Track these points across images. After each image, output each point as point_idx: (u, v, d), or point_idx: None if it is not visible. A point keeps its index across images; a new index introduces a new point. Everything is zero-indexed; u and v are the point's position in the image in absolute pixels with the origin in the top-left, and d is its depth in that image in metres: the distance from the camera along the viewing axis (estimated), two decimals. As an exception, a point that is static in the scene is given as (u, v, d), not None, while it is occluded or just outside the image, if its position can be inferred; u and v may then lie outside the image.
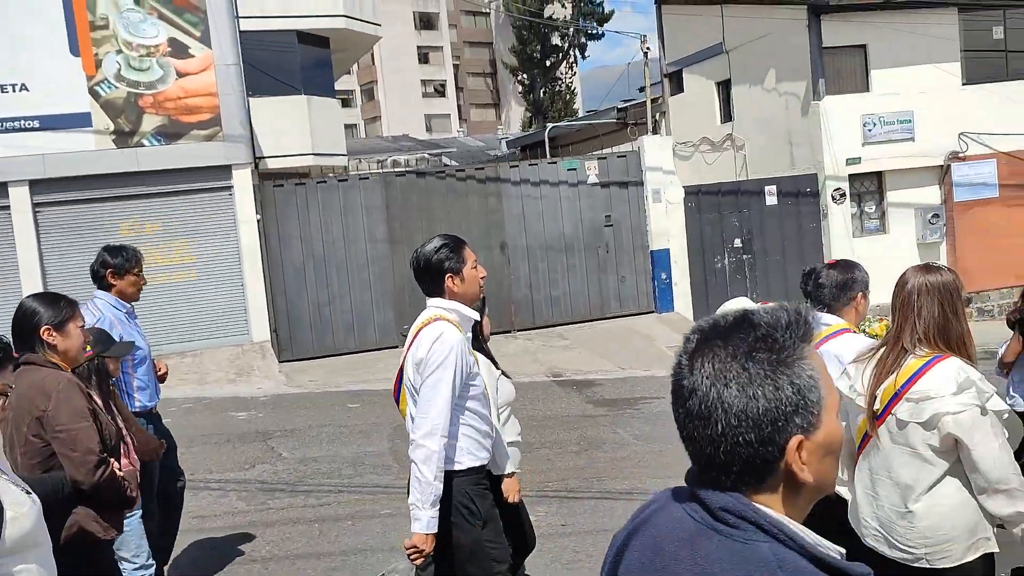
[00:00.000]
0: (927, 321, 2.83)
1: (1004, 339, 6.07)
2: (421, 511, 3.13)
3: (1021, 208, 16.17)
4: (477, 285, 3.44)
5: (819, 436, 1.21)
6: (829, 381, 1.24)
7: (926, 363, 2.77)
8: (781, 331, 1.22)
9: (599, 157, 14.76)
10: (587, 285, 14.44)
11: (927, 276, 2.92)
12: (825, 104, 15.20)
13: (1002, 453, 2.70)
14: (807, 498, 1.25)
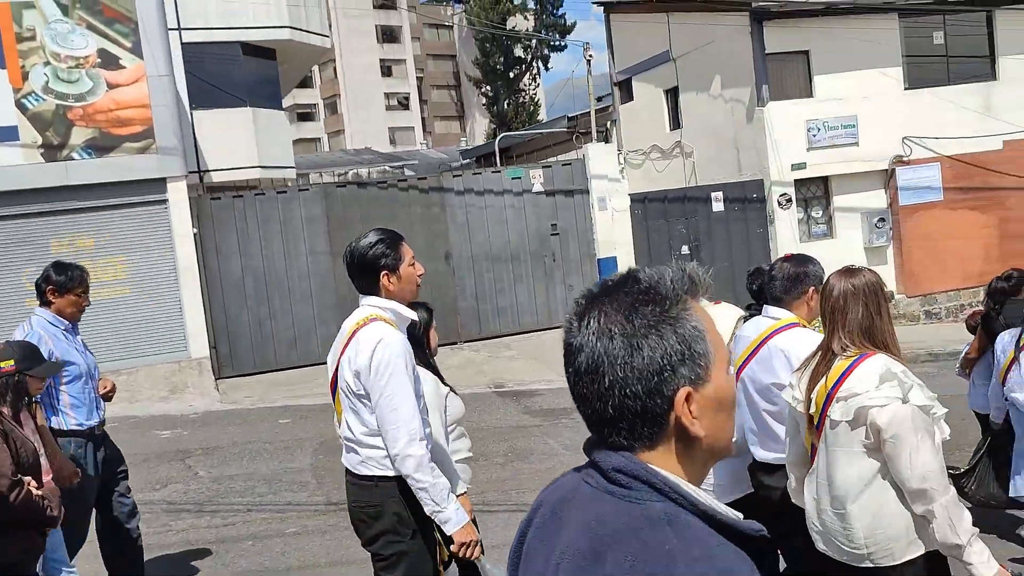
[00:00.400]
0: (852, 323, 2.86)
1: (966, 341, 6.13)
2: (443, 512, 3.08)
3: (965, 211, 16.31)
4: (415, 283, 3.29)
5: (709, 389, 1.19)
6: (717, 337, 1.23)
7: (852, 362, 2.81)
8: (664, 285, 1.22)
9: (544, 166, 14.67)
10: (534, 295, 14.32)
11: (850, 279, 2.93)
12: (769, 110, 15.23)
13: (920, 448, 2.68)
14: (702, 458, 1.23)
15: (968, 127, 15.97)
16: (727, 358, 1.25)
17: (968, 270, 16.33)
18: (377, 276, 3.18)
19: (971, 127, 16.00)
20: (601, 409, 1.20)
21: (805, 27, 15.26)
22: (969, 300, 16.40)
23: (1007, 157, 16.41)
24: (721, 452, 1.26)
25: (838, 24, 15.22)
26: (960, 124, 15.93)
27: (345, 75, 72.83)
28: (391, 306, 3.21)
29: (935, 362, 13.00)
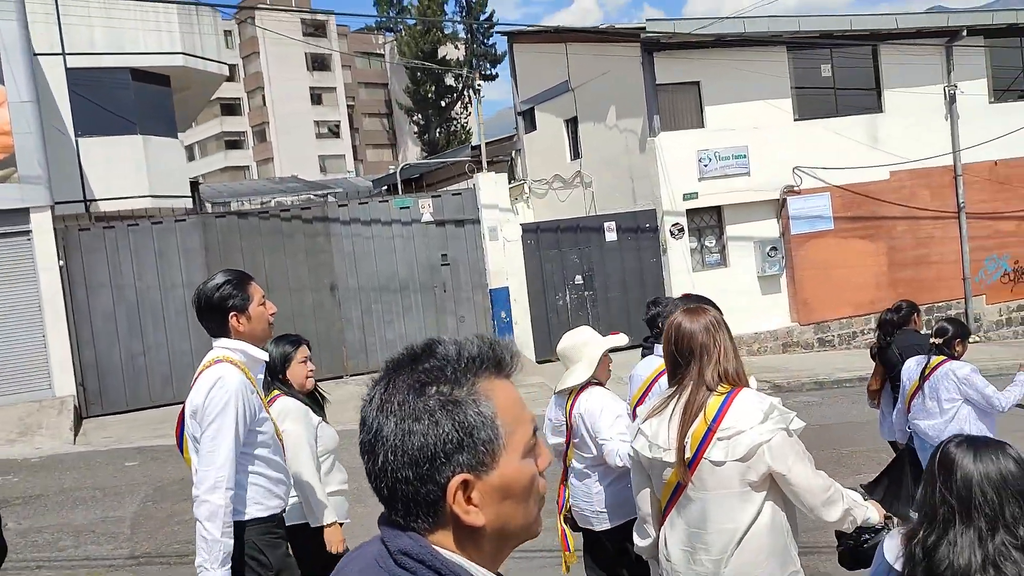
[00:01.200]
0: (716, 360, 2.84)
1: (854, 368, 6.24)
2: (210, 572, 2.92)
3: (855, 240, 16.60)
4: (266, 323, 3.25)
5: (494, 477, 1.14)
6: (520, 419, 1.18)
7: (725, 398, 2.77)
8: (453, 363, 1.17)
9: (433, 195, 14.50)
10: (424, 326, 14.06)
11: (701, 318, 2.91)
12: (660, 140, 15.32)
13: (809, 467, 2.75)
14: (493, 544, 1.18)
15: (856, 157, 16.31)
16: (528, 443, 1.18)
17: (860, 298, 16.60)
18: (226, 317, 3.16)
19: (859, 157, 16.33)
20: (380, 488, 1.17)
21: (696, 58, 15.43)
22: (861, 328, 16.66)
23: (894, 187, 16.79)
24: (516, 537, 1.21)
25: (728, 56, 15.44)
26: (849, 154, 16.25)
27: (274, 103, 72.09)
28: (241, 347, 3.18)
29: (819, 390, 13.09)
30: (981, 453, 2.05)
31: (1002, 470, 2.02)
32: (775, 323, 16.16)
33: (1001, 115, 17.20)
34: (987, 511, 2.00)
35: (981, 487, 2.01)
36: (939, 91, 17.07)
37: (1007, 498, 2.00)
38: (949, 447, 2.11)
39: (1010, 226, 17.73)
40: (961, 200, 17.23)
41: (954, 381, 5.08)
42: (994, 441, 2.14)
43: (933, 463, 2.12)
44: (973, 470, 2.03)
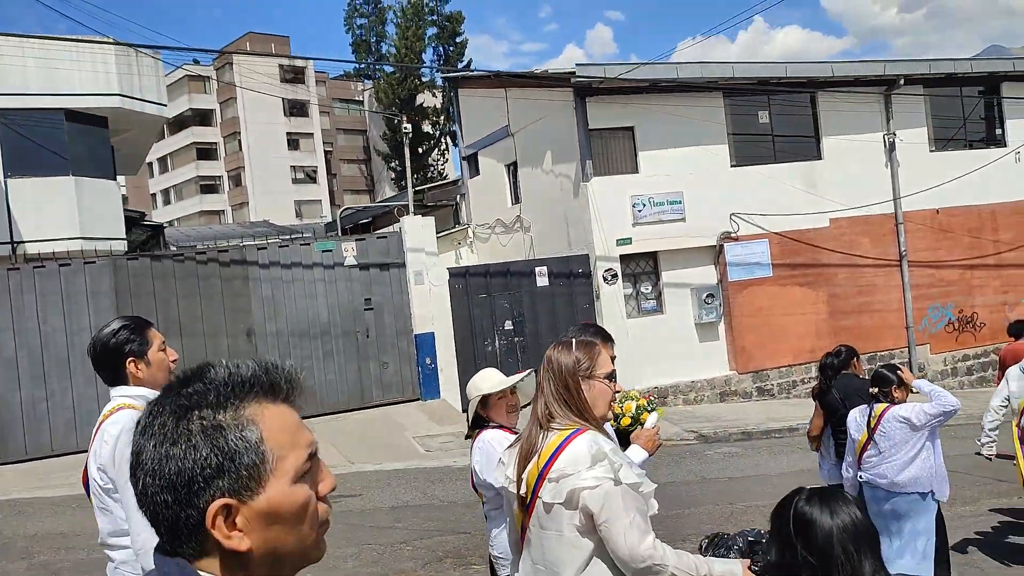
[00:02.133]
0: (558, 397, 2.75)
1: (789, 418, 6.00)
2: None
3: (795, 287, 16.39)
4: (166, 370, 3.10)
5: (260, 502, 1.13)
6: (294, 444, 1.18)
7: (564, 439, 2.68)
8: (219, 387, 1.17)
9: (357, 239, 14.21)
10: (346, 372, 13.69)
11: (556, 352, 2.84)
12: (593, 185, 15.15)
13: (632, 527, 2.57)
14: (269, 568, 1.16)
15: (795, 204, 16.18)
16: (299, 468, 1.17)
17: (800, 346, 16.35)
18: (123, 364, 3.04)
19: (798, 204, 16.21)
20: (144, 512, 1.16)
21: (630, 103, 15.33)
22: (801, 376, 16.37)
23: (833, 234, 16.64)
24: (292, 563, 1.19)
25: (663, 101, 15.35)
26: (787, 201, 16.12)
27: (250, 147, 72.19)
28: (142, 393, 3.02)
29: (745, 441, 12.75)
30: (834, 507, 1.99)
31: (855, 521, 1.97)
32: (713, 371, 15.87)
33: (942, 163, 17.17)
34: (848, 567, 1.95)
35: (841, 542, 1.95)
36: (879, 139, 17.04)
37: (864, 550, 1.96)
38: (801, 506, 2.03)
39: (953, 275, 17.60)
40: (903, 248, 17.10)
41: (903, 422, 5.11)
42: (838, 492, 2.07)
43: (787, 524, 2.03)
44: (831, 526, 1.97)
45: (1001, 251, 17.89)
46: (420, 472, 10.64)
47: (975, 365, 17.72)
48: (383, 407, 13.72)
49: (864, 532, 1.99)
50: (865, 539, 1.98)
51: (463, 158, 19.83)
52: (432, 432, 12.55)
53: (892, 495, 5.14)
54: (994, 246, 17.83)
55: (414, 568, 6.41)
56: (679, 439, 12.62)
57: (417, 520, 8.06)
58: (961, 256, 17.59)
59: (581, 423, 2.72)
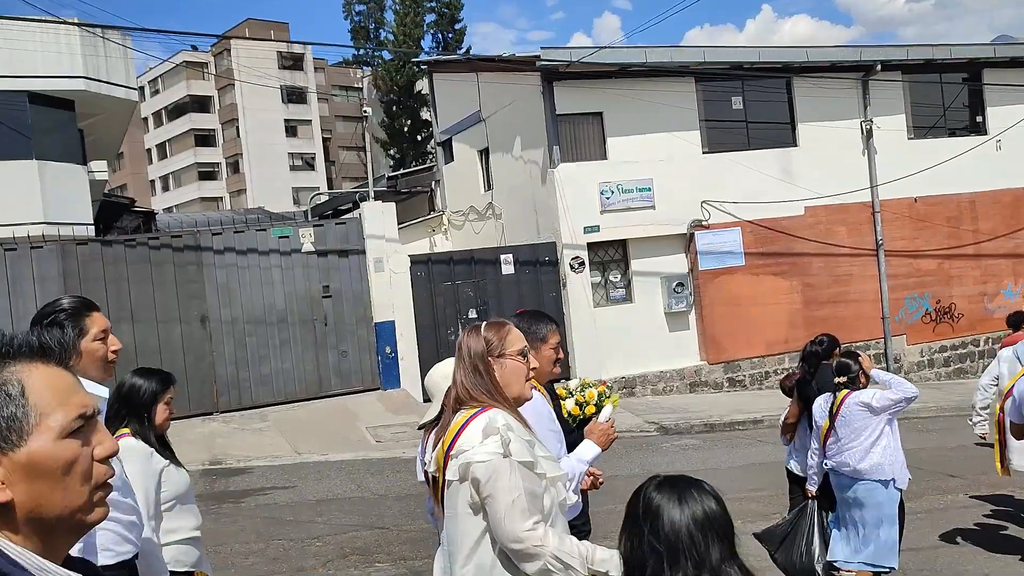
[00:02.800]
0: (466, 377, 2.74)
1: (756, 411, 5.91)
2: None
3: (768, 276, 16.11)
4: (99, 363, 2.97)
5: (21, 455, 1.17)
6: (63, 403, 1.22)
7: (468, 418, 2.68)
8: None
9: (315, 224, 13.98)
10: (303, 361, 13.47)
11: (466, 337, 2.83)
12: (560, 171, 14.87)
13: (514, 507, 2.53)
14: (37, 525, 1.19)
15: (769, 192, 15.87)
16: (65, 424, 1.21)
17: (772, 336, 16.08)
18: None
19: (772, 192, 15.90)
20: None
21: (599, 88, 15.03)
22: (774, 367, 16.11)
23: (808, 223, 16.35)
24: (61, 521, 1.21)
25: (633, 86, 15.04)
26: (761, 189, 15.82)
27: (248, 134, 71.98)
28: None
29: (708, 433, 12.50)
30: (685, 495, 1.93)
31: (706, 510, 1.92)
32: (683, 362, 15.61)
33: (920, 151, 16.83)
34: (695, 555, 1.88)
35: (689, 531, 1.89)
36: (856, 125, 16.72)
37: (713, 540, 1.90)
38: (650, 493, 1.96)
39: (931, 265, 17.29)
40: (880, 237, 16.79)
41: (863, 408, 5.11)
42: (692, 480, 2.00)
43: (637, 511, 1.97)
44: (679, 515, 1.91)
45: (980, 240, 17.57)
46: (363, 463, 10.43)
47: (952, 356, 17.43)
48: (341, 396, 13.51)
49: (715, 521, 1.92)
50: (715, 528, 1.91)
51: (438, 144, 19.57)
52: (387, 422, 12.33)
53: (855, 481, 5.14)
54: (973, 235, 17.51)
55: (314, 566, 6.19)
56: (639, 431, 12.38)
57: (339, 514, 7.84)
58: (939, 246, 17.28)
59: (490, 402, 2.69)
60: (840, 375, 5.29)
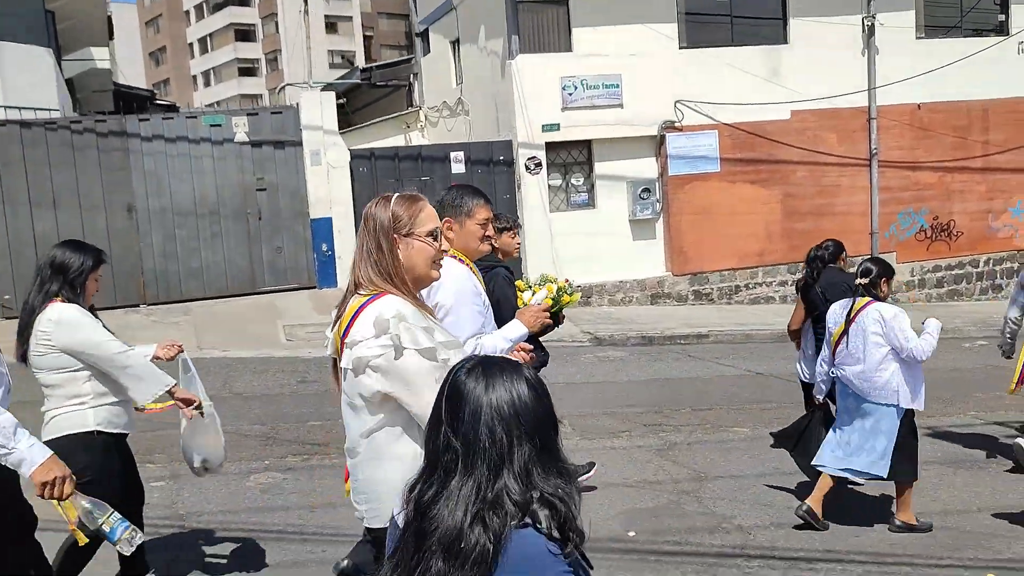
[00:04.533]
0: (366, 257, 2.56)
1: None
2: (12, 453, 2.92)
3: (745, 184, 15.06)
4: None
5: None
6: None
7: (362, 304, 2.51)
8: None
9: (249, 112, 13.32)
10: (236, 256, 13.04)
11: (374, 208, 2.61)
12: (518, 63, 13.88)
13: (422, 396, 2.38)
14: None
15: (753, 93, 14.68)
16: None
17: (746, 249, 15.12)
18: None
19: (756, 93, 14.70)
20: None
21: (565, -27, 13.86)
22: (746, 281, 15.23)
23: (794, 127, 15.14)
24: None
25: (605, -28, 13.84)
26: (743, 90, 14.63)
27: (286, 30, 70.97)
28: None
29: (645, 346, 11.80)
30: (494, 381, 1.63)
31: (516, 400, 1.61)
32: (646, 272, 14.79)
33: (930, 52, 15.36)
34: (493, 454, 1.59)
35: (490, 425, 1.59)
36: (856, 22, 15.27)
37: (519, 436, 1.59)
38: (459, 375, 1.67)
39: (931, 178, 16.00)
40: (874, 146, 15.52)
41: (879, 322, 4.89)
42: (511, 364, 1.69)
43: (441, 399, 1.67)
44: (484, 403, 1.61)
45: (990, 153, 16.16)
46: (258, 361, 10.04)
47: (947, 277, 16.29)
48: (274, 293, 13.10)
49: (525, 415, 1.59)
50: (525, 423, 1.59)
51: (416, 34, 18.57)
52: (309, 321, 11.86)
53: (859, 397, 5.00)
54: (982, 147, 16.10)
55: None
56: (570, 340, 11.73)
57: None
58: (942, 157, 15.94)
59: (387, 287, 2.52)
60: (861, 277, 5.06)
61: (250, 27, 73.39)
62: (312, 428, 7.05)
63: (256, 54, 73.37)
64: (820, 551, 4.52)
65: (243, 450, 6.26)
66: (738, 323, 13.24)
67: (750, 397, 8.34)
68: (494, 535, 1.53)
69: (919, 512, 4.96)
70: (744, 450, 6.43)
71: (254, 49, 73.42)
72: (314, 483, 5.69)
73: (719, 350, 11.56)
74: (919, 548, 4.57)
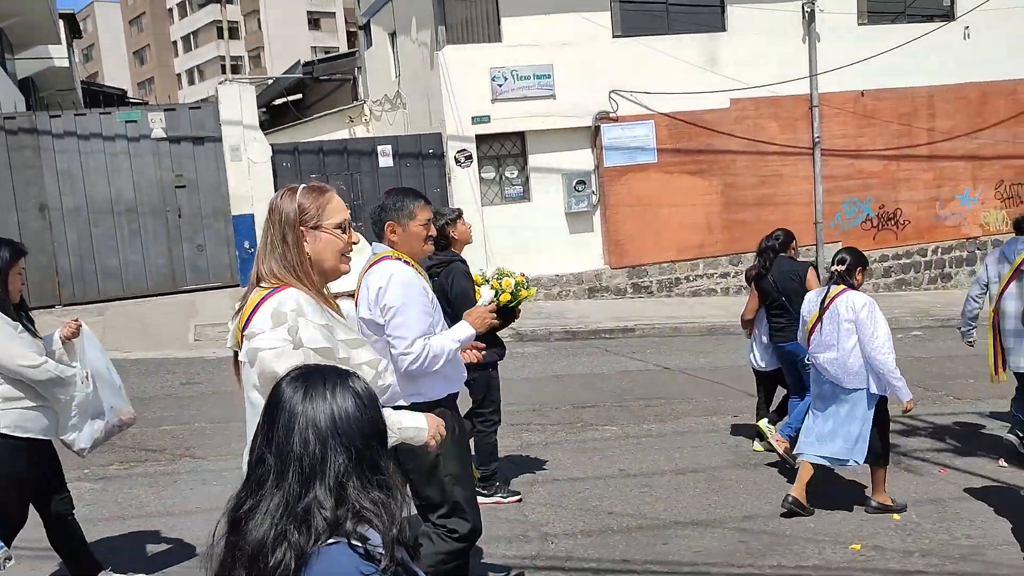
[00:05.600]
0: (269, 248, 2.51)
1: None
2: None
3: (684, 175, 14.79)
4: None
5: None
6: None
7: (264, 296, 2.46)
8: None
9: (167, 108, 13.03)
10: (155, 255, 12.77)
11: (279, 200, 2.55)
12: (446, 55, 13.61)
13: None
14: None
15: (690, 82, 14.40)
16: None
17: (685, 240, 14.86)
18: None
19: (694, 82, 14.43)
20: None
21: (493, -38, 13.58)
22: (686, 273, 14.97)
23: (734, 117, 14.87)
24: None
25: (533, -40, 13.55)
26: (681, 78, 14.36)
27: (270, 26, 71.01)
28: None
29: (568, 341, 11.55)
30: (314, 389, 1.54)
31: (335, 411, 1.53)
32: (584, 265, 14.52)
33: (873, 39, 15.06)
34: (305, 466, 1.49)
35: (303, 436, 1.50)
36: (796, 7, 14.98)
37: (334, 448, 1.51)
38: (282, 383, 1.59)
39: (876, 166, 15.72)
40: (817, 134, 15.24)
41: (852, 309, 4.95)
42: (337, 372, 1.61)
43: (265, 409, 1.60)
44: (299, 413, 1.52)
45: (936, 140, 15.89)
46: (153, 363, 9.82)
47: (894, 267, 16.01)
48: (196, 293, 12.83)
49: (342, 425, 1.52)
50: (345, 436, 1.52)
51: (360, 27, 18.29)
52: (224, 320, 11.59)
53: (833, 383, 5.05)
54: (928, 135, 15.82)
55: None
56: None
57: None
58: (887, 145, 15.67)
59: (290, 280, 2.45)
60: (838, 264, 5.12)
61: (233, 24, 73.13)
62: (160, 433, 6.81)
63: (240, 51, 73.02)
64: (618, 560, 4.27)
65: (71, 457, 6.01)
66: (669, 316, 12.98)
67: (642, 393, 8.10)
68: (297, 552, 1.44)
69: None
70: (600, 451, 6.18)
71: (237, 47, 73.09)
72: (121, 494, 5.44)
73: (641, 344, 11.31)
74: (721, 555, 4.31)
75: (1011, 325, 5.81)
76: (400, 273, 3.32)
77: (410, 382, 3.28)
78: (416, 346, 3.24)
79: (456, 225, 5.03)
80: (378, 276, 3.37)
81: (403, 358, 3.26)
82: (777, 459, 5.85)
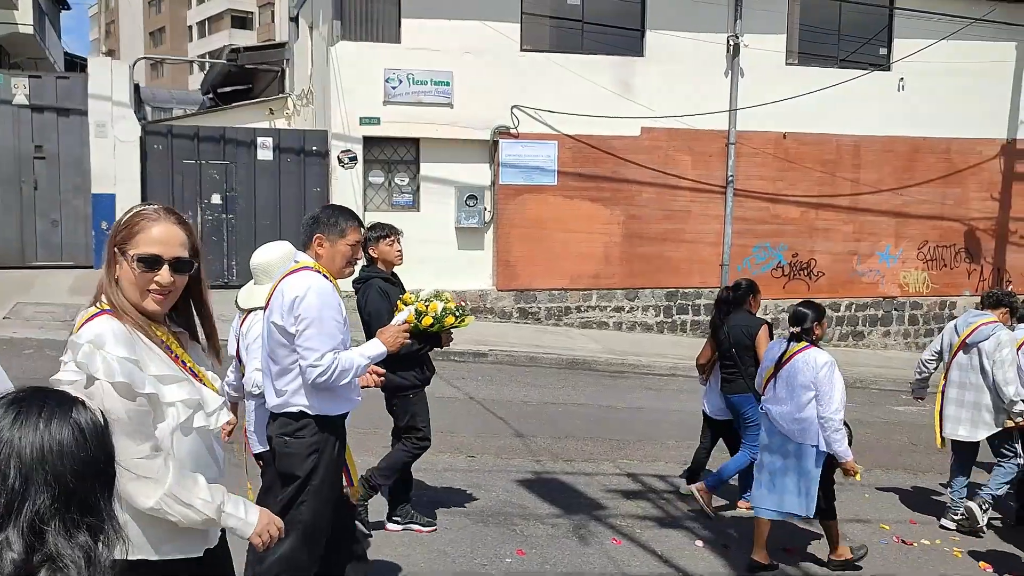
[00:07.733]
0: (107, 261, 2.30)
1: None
2: None
3: (585, 201, 14.15)
4: None
5: None
6: None
7: (85, 321, 2.24)
8: None
9: (32, 75, 12.53)
10: (3, 226, 12.23)
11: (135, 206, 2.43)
12: (338, 50, 13.06)
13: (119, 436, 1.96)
14: None
15: (600, 106, 13.80)
16: None
17: (580, 269, 14.21)
18: None
19: (604, 106, 13.82)
20: None
21: (399, -40, 13.06)
22: (578, 303, 14.31)
23: (645, 146, 14.25)
24: None
25: (440, -38, 13.02)
26: (590, 101, 13.76)
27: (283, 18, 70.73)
28: None
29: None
30: (29, 416, 1.39)
31: (46, 443, 1.37)
32: (470, 284, 13.87)
33: (799, 79, 14.42)
34: (4, 499, 1.35)
35: (3, 467, 1.36)
36: (721, 40, 14.37)
37: (36, 484, 1.35)
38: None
39: (793, 212, 15.04)
40: (731, 173, 14.59)
41: (812, 367, 4.92)
42: (62, 399, 1.43)
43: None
44: (3, 441, 1.37)
45: (861, 192, 15.20)
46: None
47: (803, 320, 15.28)
48: (45, 269, 12.27)
49: (57, 462, 1.35)
50: (54, 472, 1.35)
51: (291, 19, 17.81)
52: (51, 301, 11.04)
53: (783, 436, 5.09)
54: (851, 185, 15.14)
55: None
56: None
57: None
58: (807, 192, 14.99)
59: (106, 300, 2.27)
60: (794, 325, 5.08)
61: (247, 14, 73.26)
62: None
63: (252, 41, 73.05)
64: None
65: None
66: (538, 344, 12.33)
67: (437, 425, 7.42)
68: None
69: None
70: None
71: (249, 37, 73.13)
72: None
73: (485, 371, 10.66)
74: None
75: (953, 394, 6.13)
76: (318, 285, 3.36)
77: (313, 395, 3.37)
78: (326, 360, 3.29)
79: (378, 244, 5.05)
80: (295, 285, 3.37)
81: (311, 370, 3.30)
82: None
